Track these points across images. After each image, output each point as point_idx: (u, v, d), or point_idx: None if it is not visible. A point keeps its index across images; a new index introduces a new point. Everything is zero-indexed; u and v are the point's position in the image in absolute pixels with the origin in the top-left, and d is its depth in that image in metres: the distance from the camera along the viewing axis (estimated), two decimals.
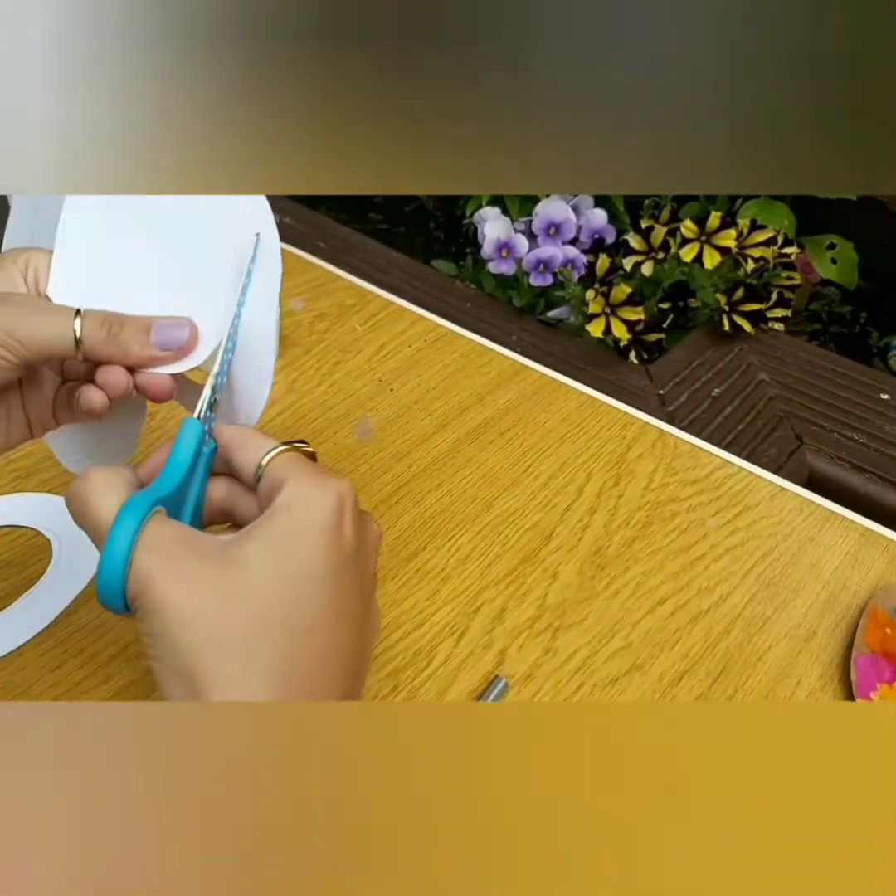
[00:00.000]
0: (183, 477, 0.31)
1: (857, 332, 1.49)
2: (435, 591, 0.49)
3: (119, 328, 0.34)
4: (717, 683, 0.46)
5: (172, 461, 0.31)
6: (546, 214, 1.15)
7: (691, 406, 0.98)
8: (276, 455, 0.32)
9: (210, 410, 0.34)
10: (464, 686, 0.45)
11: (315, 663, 0.28)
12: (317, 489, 0.30)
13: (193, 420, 0.33)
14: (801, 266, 1.26)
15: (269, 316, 0.36)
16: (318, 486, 0.30)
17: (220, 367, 0.35)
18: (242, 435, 0.33)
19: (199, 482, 0.33)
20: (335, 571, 0.29)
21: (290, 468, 0.31)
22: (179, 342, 0.35)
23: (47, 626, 0.46)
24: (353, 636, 0.30)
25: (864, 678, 0.45)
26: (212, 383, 0.34)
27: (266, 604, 0.28)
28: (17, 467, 0.55)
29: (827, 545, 0.54)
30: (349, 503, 0.30)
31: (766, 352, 1.07)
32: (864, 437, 0.95)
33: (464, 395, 0.64)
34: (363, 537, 0.31)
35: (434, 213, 1.69)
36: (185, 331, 0.35)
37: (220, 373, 0.35)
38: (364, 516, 0.32)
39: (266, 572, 0.28)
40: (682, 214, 1.15)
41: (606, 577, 0.51)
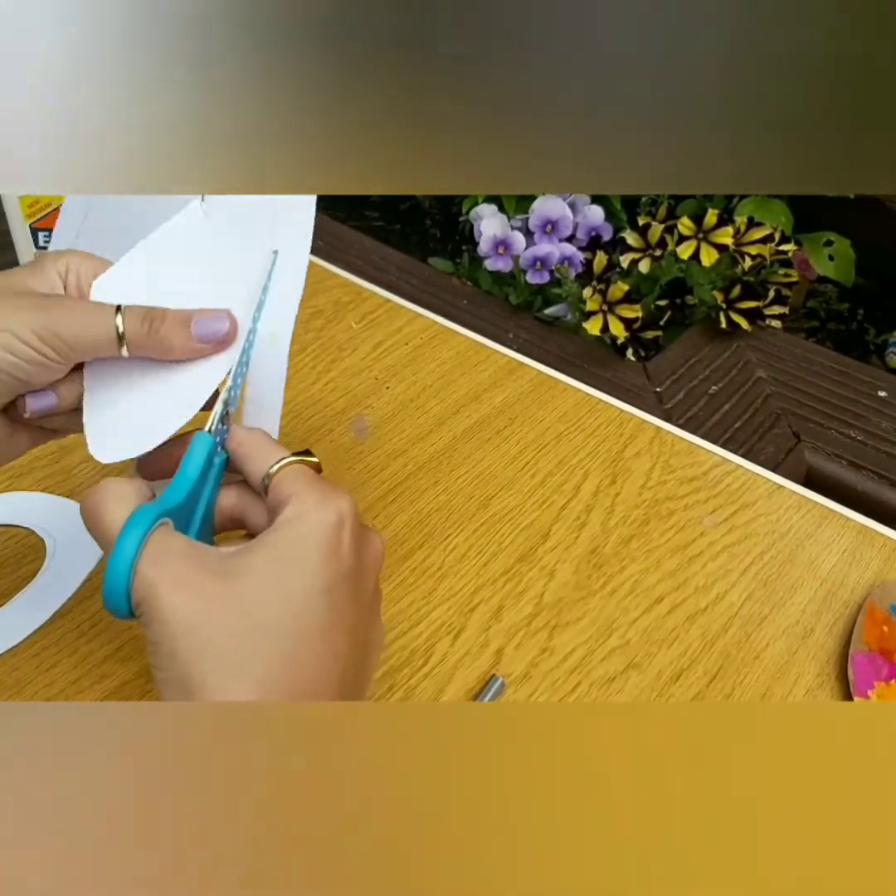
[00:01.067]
0: (191, 489, 0.32)
1: (855, 330, 1.49)
2: (431, 590, 0.49)
3: (160, 322, 0.35)
4: (714, 681, 0.46)
5: (181, 474, 0.32)
6: (543, 212, 1.15)
7: (688, 403, 0.98)
8: (281, 468, 0.32)
9: (222, 423, 0.34)
10: (460, 685, 0.45)
11: (309, 677, 0.28)
12: (317, 506, 0.30)
13: (204, 434, 0.33)
14: (798, 263, 1.26)
15: (285, 334, 0.37)
16: (318, 503, 0.30)
17: (234, 380, 0.35)
18: (251, 443, 0.34)
19: (209, 493, 0.33)
20: (332, 587, 0.29)
21: (294, 483, 0.31)
22: (219, 334, 0.35)
23: (41, 625, 0.46)
24: (350, 651, 0.30)
25: (861, 676, 0.45)
26: (224, 397, 0.34)
27: (262, 617, 0.28)
28: (11, 465, 0.55)
29: (824, 543, 0.54)
30: (349, 520, 0.31)
31: (764, 349, 1.07)
32: (862, 434, 0.95)
33: (460, 392, 0.64)
34: (363, 554, 0.32)
35: (430, 211, 1.69)
36: (224, 323, 0.35)
37: (234, 386, 0.35)
38: (366, 533, 0.33)
39: (264, 586, 0.29)
40: (680, 212, 1.15)
41: (603, 575, 0.51)
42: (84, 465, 0.55)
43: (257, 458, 0.33)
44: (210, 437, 0.33)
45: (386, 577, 0.50)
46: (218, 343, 0.35)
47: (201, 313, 0.35)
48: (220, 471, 0.34)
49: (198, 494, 0.33)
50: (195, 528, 0.32)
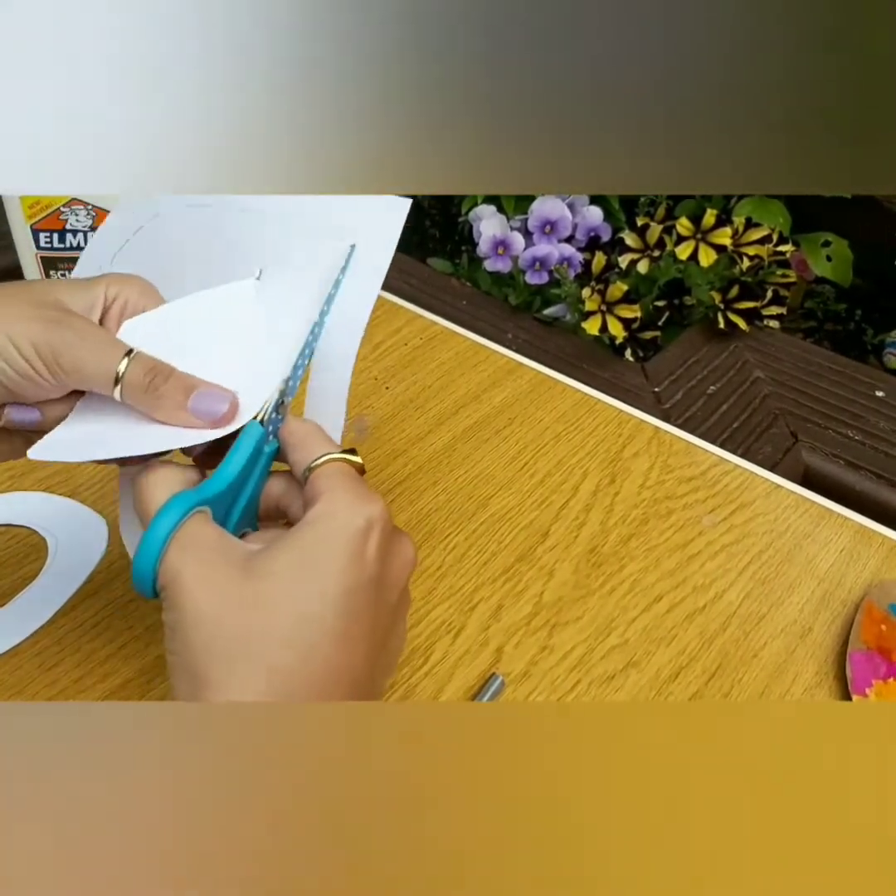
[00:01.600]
0: (234, 479, 0.32)
1: (852, 330, 1.49)
2: (431, 589, 0.49)
3: (162, 381, 0.33)
4: (713, 680, 0.46)
5: (226, 464, 0.32)
6: (542, 212, 1.15)
7: (687, 404, 0.99)
8: (322, 463, 0.32)
9: (276, 412, 0.34)
10: (460, 684, 0.45)
11: (315, 684, 0.28)
12: (347, 509, 0.30)
13: (255, 423, 0.33)
14: (796, 264, 1.26)
15: (357, 330, 0.37)
16: (349, 506, 0.30)
17: (294, 371, 0.35)
18: (302, 433, 0.33)
19: (256, 482, 0.33)
20: (349, 594, 0.29)
21: (330, 481, 0.31)
22: (215, 416, 0.33)
23: (43, 625, 0.46)
24: (361, 661, 0.30)
25: (859, 674, 0.46)
26: (280, 387, 0.34)
27: (276, 619, 0.28)
28: (13, 465, 0.55)
29: (822, 542, 0.54)
30: (379, 526, 0.30)
31: (762, 349, 1.07)
32: (860, 434, 0.95)
33: (459, 393, 0.64)
34: (389, 561, 0.31)
35: (429, 211, 1.69)
36: (224, 405, 0.33)
37: (293, 377, 0.35)
38: (397, 539, 0.32)
39: (282, 588, 0.29)
40: (678, 212, 1.15)
41: (602, 574, 0.51)
42: (86, 466, 0.55)
43: (303, 450, 0.33)
44: (260, 426, 0.33)
45: None
46: (213, 423, 0.33)
47: (207, 386, 0.33)
48: (270, 459, 0.34)
49: (243, 483, 0.33)
50: (237, 515, 0.33)
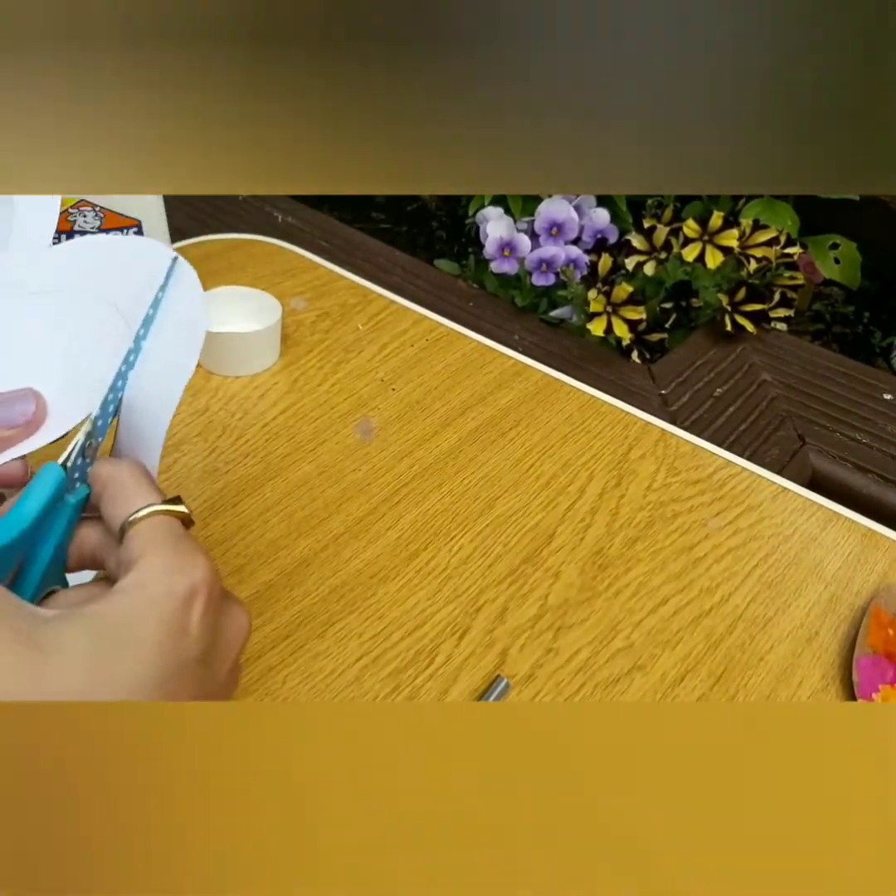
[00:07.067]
0: (28, 528, 0.28)
1: (860, 333, 1.49)
2: (436, 591, 0.49)
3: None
4: (718, 684, 0.46)
5: (16, 511, 0.28)
6: (548, 214, 1.15)
7: (693, 406, 0.98)
8: (140, 518, 0.28)
9: (83, 456, 0.30)
10: (465, 685, 0.45)
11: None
12: (165, 574, 0.26)
13: (53, 465, 0.29)
14: (803, 266, 1.26)
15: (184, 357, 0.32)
16: (169, 572, 0.26)
17: (102, 408, 0.31)
18: (116, 483, 0.29)
19: (59, 535, 0.29)
20: (170, 677, 0.25)
21: (148, 541, 0.27)
22: (25, 416, 0.30)
23: None
24: None
25: (866, 679, 0.45)
26: (87, 429, 0.30)
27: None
28: None
29: (829, 546, 0.54)
30: (203, 593, 0.26)
31: (769, 352, 1.07)
32: (867, 437, 0.94)
33: (465, 394, 0.64)
34: (219, 631, 0.27)
35: (436, 213, 1.69)
36: (29, 404, 0.30)
37: (102, 415, 0.31)
38: (228, 605, 0.28)
39: (80, 667, 0.24)
40: (685, 214, 1.15)
41: (608, 577, 0.51)
42: None
43: (118, 502, 0.28)
44: (58, 467, 0.29)
45: (391, 577, 0.50)
46: (26, 425, 0.30)
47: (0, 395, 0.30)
48: (77, 510, 0.30)
49: (41, 533, 0.28)
50: (38, 572, 0.29)
